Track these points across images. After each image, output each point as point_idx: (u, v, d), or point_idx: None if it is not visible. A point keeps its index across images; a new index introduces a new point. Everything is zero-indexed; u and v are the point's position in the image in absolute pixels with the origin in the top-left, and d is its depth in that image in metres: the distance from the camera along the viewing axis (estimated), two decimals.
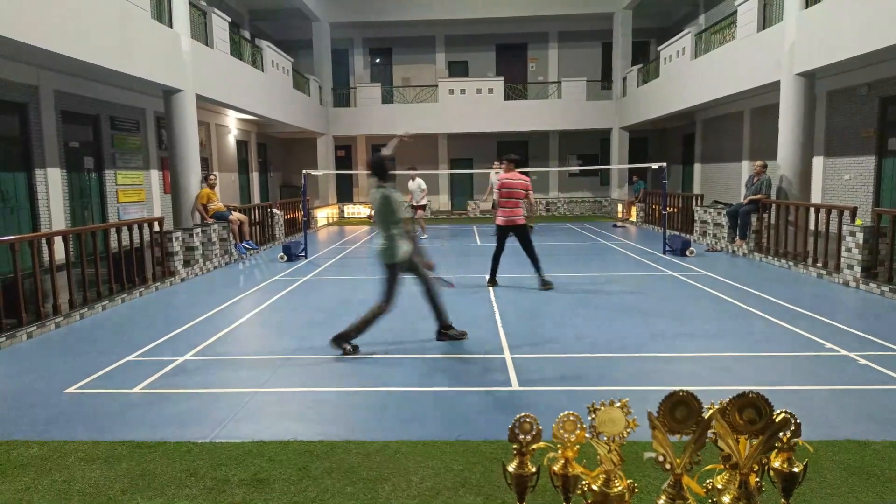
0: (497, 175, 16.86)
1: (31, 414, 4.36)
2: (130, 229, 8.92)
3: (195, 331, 6.69)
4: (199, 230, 10.69)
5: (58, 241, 7.84)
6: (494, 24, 24.15)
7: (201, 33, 12.87)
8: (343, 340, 5.74)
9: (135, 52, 9.80)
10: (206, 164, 16.35)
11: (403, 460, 3.54)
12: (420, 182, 16.08)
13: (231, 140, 19.08)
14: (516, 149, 25.19)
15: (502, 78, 23.14)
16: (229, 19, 14.24)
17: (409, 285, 6.08)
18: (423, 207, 16.25)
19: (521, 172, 8.83)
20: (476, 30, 24.73)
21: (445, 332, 6.11)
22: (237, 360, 5.69)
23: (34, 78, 10.25)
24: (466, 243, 15.01)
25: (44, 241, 7.42)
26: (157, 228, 9.59)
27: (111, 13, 9.22)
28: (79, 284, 7.70)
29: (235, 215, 12.30)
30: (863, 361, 5.25)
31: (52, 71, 10.55)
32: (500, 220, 8.60)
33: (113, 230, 8.61)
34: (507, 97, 23.20)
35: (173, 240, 9.89)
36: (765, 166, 11.79)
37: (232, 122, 18.92)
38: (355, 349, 5.76)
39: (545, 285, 8.51)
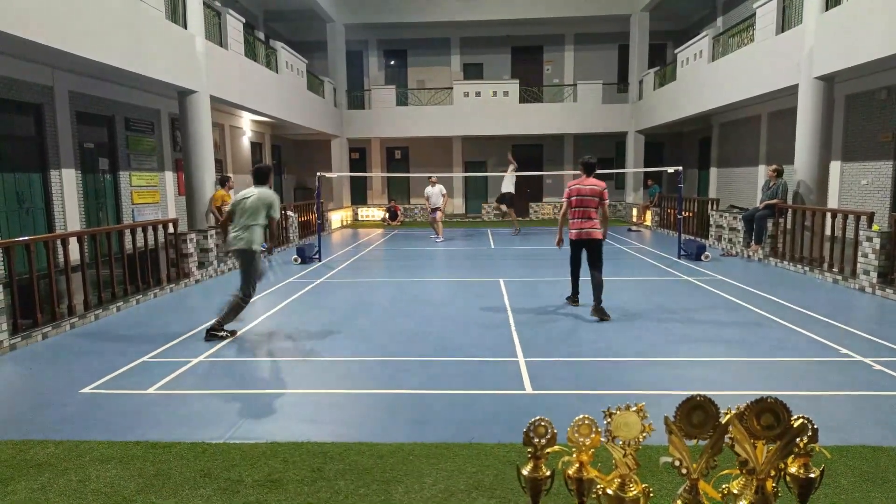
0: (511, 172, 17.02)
1: (46, 414, 4.40)
2: (145, 230, 8.99)
3: None
4: (213, 232, 10.76)
5: (73, 241, 7.91)
6: (510, 26, 24.13)
7: (216, 34, 12.96)
8: (215, 332, 6.42)
9: (149, 53, 9.88)
10: (220, 165, 16.46)
11: (417, 462, 3.54)
12: (440, 187, 16.35)
13: (245, 142, 19.20)
14: (531, 151, 25.20)
15: (517, 80, 23.09)
16: (244, 20, 14.33)
17: (415, 289, 6.08)
18: (434, 210, 16.41)
19: (596, 177, 7.34)
20: (491, 32, 24.72)
21: (214, 332, 6.46)
22: (251, 362, 5.72)
23: (49, 78, 10.36)
24: (481, 246, 14.99)
25: (59, 241, 7.49)
26: (171, 230, 9.66)
27: (125, 14, 9.31)
28: (94, 285, 7.77)
29: None
30: (878, 367, 5.20)
31: (67, 71, 10.65)
32: (572, 234, 7.33)
33: (128, 231, 8.68)
34: (522, 100, 23.16)
35: (188, 241, 9.96)
36: (778, 171, 11.69)
37: (246, 124, 19.03)
38: (232, 333, 6.52)
39: (601, 314, 7.04)
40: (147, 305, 8.31)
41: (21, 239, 6.79)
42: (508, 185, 17.23)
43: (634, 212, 20.96)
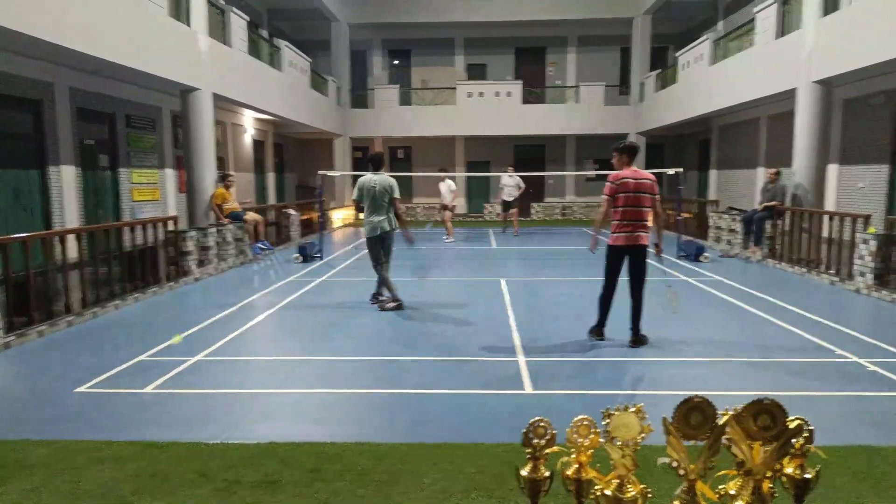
0: (509, 177, 16.70)
1: (41, 413, 4.39)
2: (145, 228, 8.99)
3: (209, 331, 6.72)
4: (213, 230, 10.76)
5: (71, 239, 7.90)
6: (513, 27, 24.14)
7: (219, 32, 12.95)
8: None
9: (151, 50, 9.88)
10: (221, 163, 16.44)
11: (415, 463, 3.54)
12: (450, 183, 16.05)
13: (247, 139, 19.19)
14: (533, 152, 25.22)
15: (521, 81, 23.11)
16: (248, 18, 14.32)
17: (415, 288, 6.08)
18: (451, 208, 16.15)
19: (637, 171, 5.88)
20: (495, 33, 24.73)
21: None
22: (251, 361, 5.72)
23: (49, 74, 10.33)
24: (482, 246, 14.99)
25: (57, 239, 7.47)
26: (171, 227, 9.66)
27: (127, 9, 9.30)
28: (92, 283, 7.75)
29: (251, 215, 12.36)
30: (872, 368, 5.22)
31: (68, 68, 10.63)
32: (619, 239, 5.78)
33: (127, 229, 8.68)
34: (524, 101, 23.16)
35: (187, 239, 9.96)
36: (778, 173, 11.72)
37: (248, 122, 19.02)
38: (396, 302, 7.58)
39: (639, 341, 5.96)
40: (146, 304, 8.31)
41: (18, 236, 6.76)
42: (509, 194, 16.88)
43: None
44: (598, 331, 6.18)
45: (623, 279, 5.95)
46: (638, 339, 5.96)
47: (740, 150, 18.63)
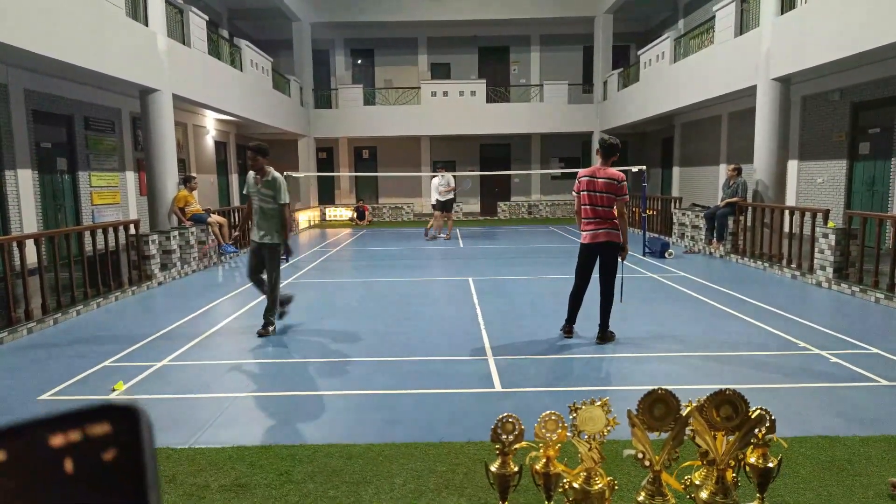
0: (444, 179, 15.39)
1: (3, 422, 4.26)
2: (105, 232, 8.79)
3: (173, 335, 6.61)
4: (176, 233, 10.58)
5: (29, 244, 7.70)
6: (476, 26, 24.22)
7: (178, 32, 12.74)
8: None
9: (109, 51, 9.67)
10: (183, 165, 16.19)
11: (386, 463, 3.53)
12: (449, 178, 15.30)
13: (209, 141, 18.92)
14: (498, 151, 25.34)
15: (484, 81, 23.20)
16: (207, 18, 14.11)
17: (384, 288, 6.07)
18: (448, 208, 15.34)
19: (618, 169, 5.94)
20: (458, 32, 24.78)
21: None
22: (216, 365, 5.64)
23: (2, 76, 10.06)
24: (449, 246, 15.01)
25: (14, 244, 7.27)
26: (132, 231, 9.47)
27: (84, 10, 9.08)
28: (52, 289, 7.57)
29: (214, 217, 12.19)
30: (834, 360, 5.36)
31: (22, 69, 10.37)
32: (585, 237, 5.92)
33: (87, 233, 8.48)
34: (489, 100, 23.26)
35: (150, 243, 9.77)
36: (738, 170, 11.96)
37: (210, 123, 18.76)
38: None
39: (605, 338, 6.02)
40: (108, 309, 8.13)
41: None
42: (436, 195, 15.58)
43: None
44: (567, 328, 6.25)
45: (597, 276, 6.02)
46: (605, 336, 6.02)
47: (702, 147, 18.99)
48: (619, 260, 5.98)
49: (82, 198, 12.46)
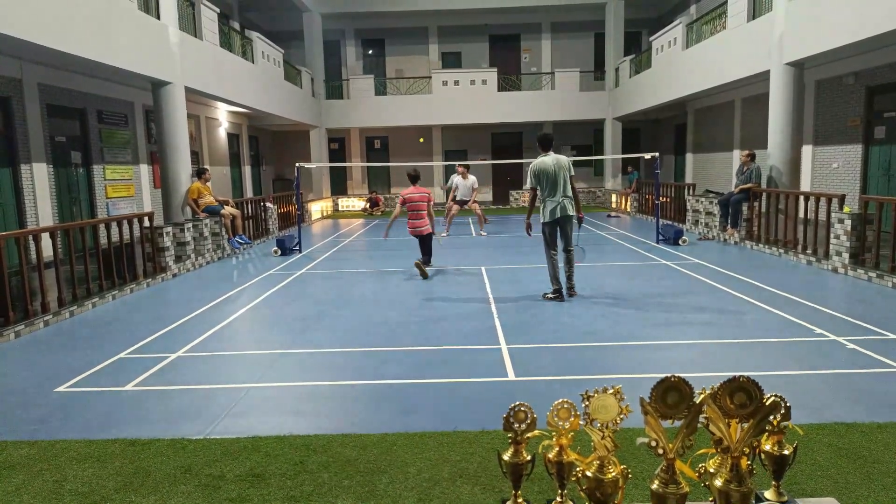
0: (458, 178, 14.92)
1: (21, 414, 4.33)
2: (120, 225, 8.87)
3: (188, 327, 6.67)
4: (190, 225, 10.65)
5: (45, 237, 7.78)
6: (487, 14, 24.09)
7: (190, 24, 12.77)
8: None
9: (121, 44, 9.72)
10: (196, 157, 16.27)
11: (400, 452, 3.55)
12: (473, 179, 14.73)
13: (222, 133, 18.99)
14: (510, 139, 25.26)
15: (496, 69, 23.09)
16: (218, 10, 14.14)
17: (397, 278, 6.07)
18: (462, 203, 14.66)
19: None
20: (469, 20, 24.65)
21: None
22: (231, 356, 5.69)
23: (17, 71, 10.13)
24: (462, 235, 15.00)
25: (31, 237, 7.35)
26: (147, 223, 9.54)
27: (96, 3, 9.13)
28: (68, 282, 7.65)
29: (227, 209, 12.25)
30: (851, 346, 5.31)
31: (36, 63, 10.44)
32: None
33: (102, 226, 8.56)
34: (500, 88, 23.16)
35: (164, 235, 9.85)
36: (752, 156, 11.84)
37: (222, 115, 18.81)
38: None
39: (572, 292, 7.42)
40: (123, 301, 8.21)
41: None
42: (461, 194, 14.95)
43: (613, 198, 21.10)
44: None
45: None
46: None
47: (716, 134, 18.81)
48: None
49: (97, 191, 12.56)
